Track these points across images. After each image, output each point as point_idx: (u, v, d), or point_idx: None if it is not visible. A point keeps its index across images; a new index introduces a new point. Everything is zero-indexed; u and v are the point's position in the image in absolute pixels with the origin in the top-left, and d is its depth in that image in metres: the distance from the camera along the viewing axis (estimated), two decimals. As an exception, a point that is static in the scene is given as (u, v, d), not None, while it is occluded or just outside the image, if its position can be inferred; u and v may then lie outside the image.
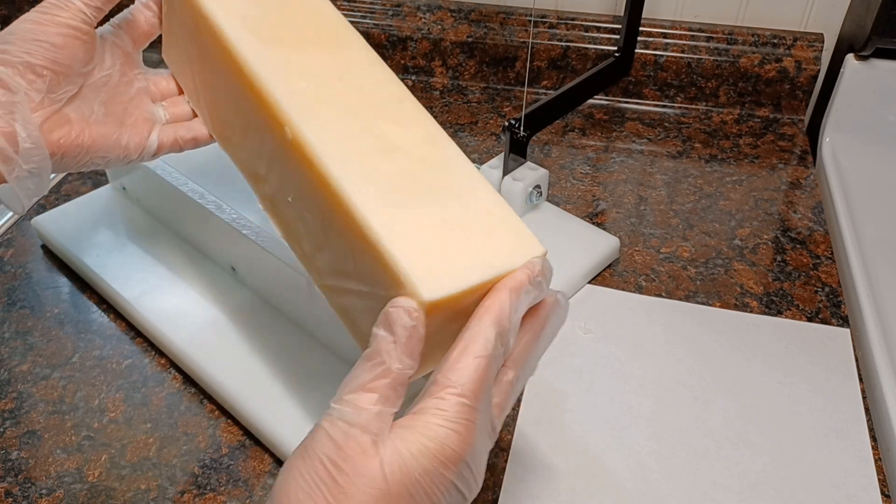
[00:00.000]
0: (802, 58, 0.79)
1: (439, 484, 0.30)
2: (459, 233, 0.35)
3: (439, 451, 0.30)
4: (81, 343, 0.56)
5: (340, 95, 0.39)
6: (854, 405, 0.52)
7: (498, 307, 0.33)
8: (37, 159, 0.40)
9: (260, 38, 0.41)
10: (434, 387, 0.32)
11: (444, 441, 0.30)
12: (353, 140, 0.37)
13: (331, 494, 0.29)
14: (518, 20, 0.84)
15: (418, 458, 0.30)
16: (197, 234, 0.60)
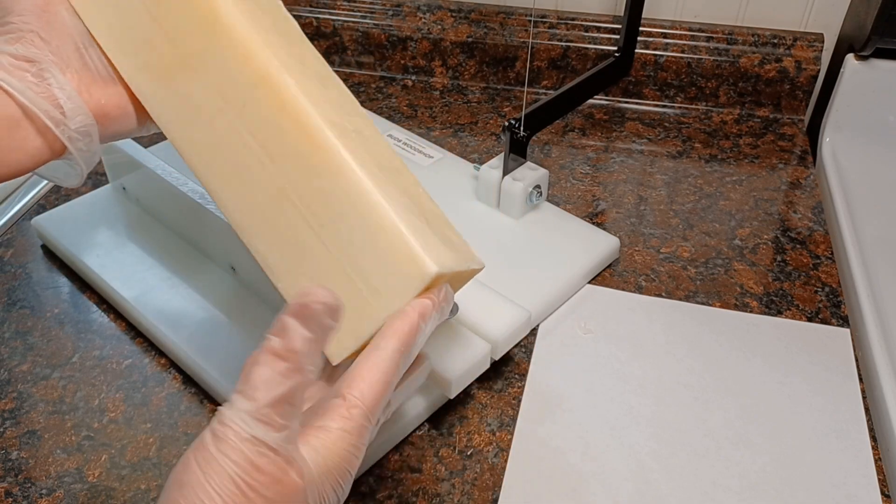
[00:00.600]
0: (802, 58, 0.79)
1: (328, 496, 0.31)
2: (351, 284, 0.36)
3: (338, 470, 0.31)
4: (81, 343, 0.56)
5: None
6: (854, 405, 0.52)
7: (408, 330, 0.33)
8: (81, 118, 0.38)
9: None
10: (340, 401, 0.32)
11: (345, 463, 0.31)
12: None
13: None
14: (518, 20, 0.84)
15: (323, 478, 0.30)
16: (197, 234, 0.60)
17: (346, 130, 0.37)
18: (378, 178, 0.36)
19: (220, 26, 0.37)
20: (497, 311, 0.52)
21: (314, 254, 0.36)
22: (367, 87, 0.88)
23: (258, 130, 0.37)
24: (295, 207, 0.36)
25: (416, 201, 0.39)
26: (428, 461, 0.49)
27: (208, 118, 0.38)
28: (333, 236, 0.36)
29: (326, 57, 0.90)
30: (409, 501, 0.46)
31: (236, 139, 0.38)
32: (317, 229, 0.36)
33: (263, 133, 0.37)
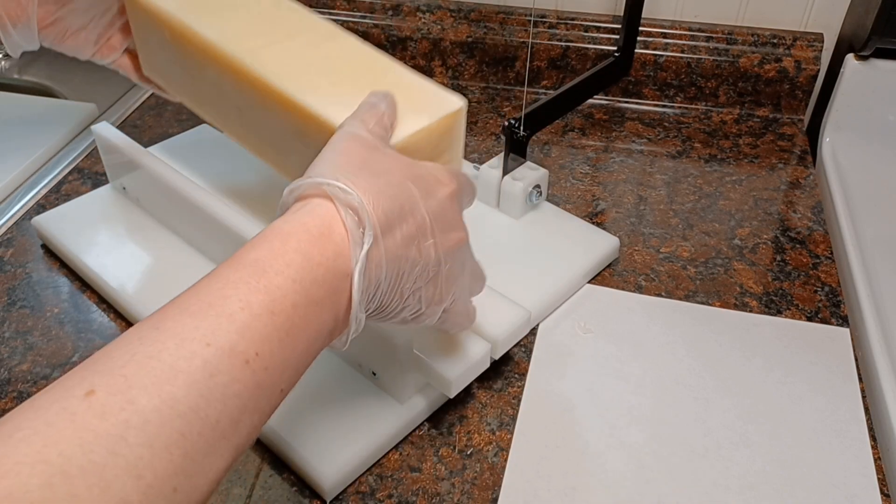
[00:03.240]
0: (802, 58, 0.79)
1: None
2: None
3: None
4: (81, 343, 0.56)
5: (264, 32, 0.50)
6: (854, 405, 0.52)
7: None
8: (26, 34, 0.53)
9: (206, 17, 0.50)
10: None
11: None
12: (292, 63, 0.47)
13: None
14: (518, 20, 0.84)
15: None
16: (197, 234, 0.60)
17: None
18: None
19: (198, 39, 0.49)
20: (497, 311, 0.52)
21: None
22: (367, 87, 0.88)
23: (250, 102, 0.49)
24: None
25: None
26: (428, 460, 0.49)
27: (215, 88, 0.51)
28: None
29: (326, 57, 0.90)
30: (409, 501, 0.46)
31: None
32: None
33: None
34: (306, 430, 0.48)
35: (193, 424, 0.27)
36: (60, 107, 0.85)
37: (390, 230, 0.35)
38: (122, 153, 0.62)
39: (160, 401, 0.27)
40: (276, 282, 0.31)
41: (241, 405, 0.29)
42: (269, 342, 0.30)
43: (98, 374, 0.27)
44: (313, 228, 0.33)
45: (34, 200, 0.71)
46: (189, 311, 0.30)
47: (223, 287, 0.31)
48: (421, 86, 0.47)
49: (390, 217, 0.35)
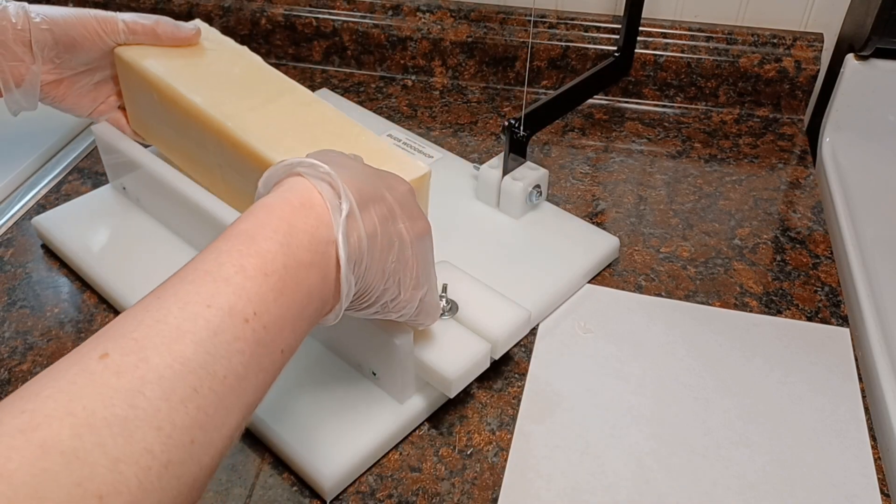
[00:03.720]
0: (802, 58, 0.79)
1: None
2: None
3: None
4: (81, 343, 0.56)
5: (245, 97, 0.55)
6: (854, 405, 0.52)
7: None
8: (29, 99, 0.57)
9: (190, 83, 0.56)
10: None
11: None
12: (270, 127, 0.52)
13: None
14: (518, 20, 0.84)
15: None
16: (197, 235, 0.60)
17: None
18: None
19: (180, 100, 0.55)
20: (497, 311, 0.52)
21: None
22: (367, 87, 0.88)
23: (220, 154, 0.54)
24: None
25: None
26: (428, 460, 0.49)
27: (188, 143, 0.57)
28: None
29: (326, 57, 0.91)
30: (409, 501, 0.46)
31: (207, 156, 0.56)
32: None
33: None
34: (306, 430, 0.48)
35: (204, 380, 0.29)
36: (60, 107, 0.85)
37: (365, 207, 0.37)
38: (122, 153, 0.62)
39: (172, 358, 0.29)
40: (265, 246, 0.33)
41: (245, 362, 0.31)
42: (264, 301, 0.32)
43: (110, 339, 0.29)
44: (294, 200, 0.36)
45: (34, 200, 0.71)
46: (187, 279, 0.32)
47: (217, 256, 0.33)
48: (390, 152, 0.51)
49: (364, 195, 0.37)
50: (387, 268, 0.39)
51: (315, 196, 0.36)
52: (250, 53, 0.60)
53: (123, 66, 0.58)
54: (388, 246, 0.39)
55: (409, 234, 0.40)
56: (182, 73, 0.56)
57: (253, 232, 0.34)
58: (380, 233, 0.38)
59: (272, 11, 0.88)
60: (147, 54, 0.58)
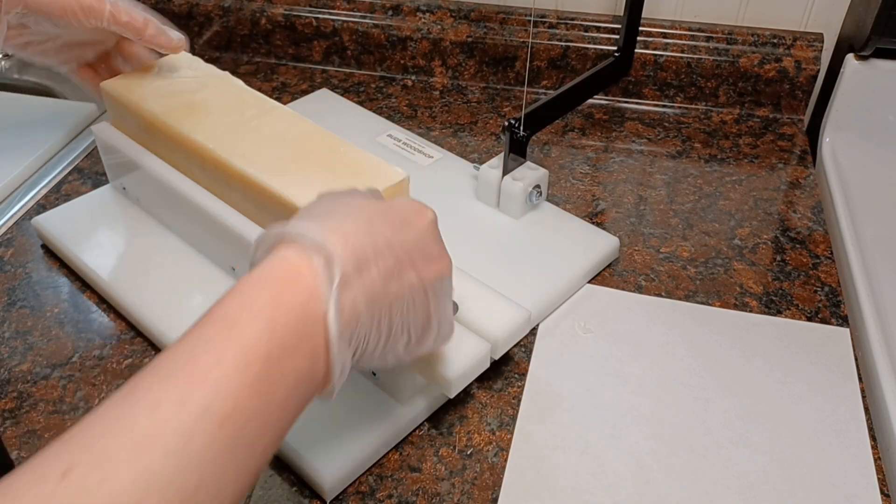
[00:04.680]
0: (802, 58, 0.79)
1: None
2: (343, 178, 0.51)
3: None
4: (81, 343, 0.56)
5: (227, 119, 0.57)
6: (854, 405, 0.52)
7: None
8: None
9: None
10: None
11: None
12: (250, 144, 0.54)
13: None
14: (518, 20, 0.84)
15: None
16: (197, 235, 0.60)
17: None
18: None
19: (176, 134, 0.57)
20: (497, 311, 0.52)
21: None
22: (367, 87, 0.88)
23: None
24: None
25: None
26: (428, 460, 0.49)
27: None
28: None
29: (326, 57, 0.91)
30: (408, 501, 0.46)
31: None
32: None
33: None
34: (306, 430, 0.48)
35: (173, 496, 0.26)
36: (60, 107, 0.85)
37: (365, 267, 0.35)
38: (122, 153, 0.62)
39: (138, 473, 0.26)
40: (247, 333, 0.31)
41: (219, 470, 0.28)
42: (244, 397, 0.29)
43: (75, 450, 0.27)
44: (281, 275, 0.33)
45: (34, 200, 0.71)
46: (161, 373, 0.30)
47: (194, 346, 0.31)
48: (367, 160, 0.53)
49: (361, 255, 0.35)
50: (395, 323, 0.36)
51: (305, 268, 0.33)
52: (232, 78, 0.62)
53: (110, 98, 0.61)
54: (395, 302, 0.36)
55: (423, 279, 0.37)
56: (166, 102, 0.58)
57: (235, 315, 0.31)
58: (383, 292, 0.35)
59: (272, 11, 0.88)
60: (132, 86, 0.60)
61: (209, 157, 0.55)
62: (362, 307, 0.34)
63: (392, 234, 0.37)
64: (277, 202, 0.50)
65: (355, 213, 0.37)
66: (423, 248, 0.38)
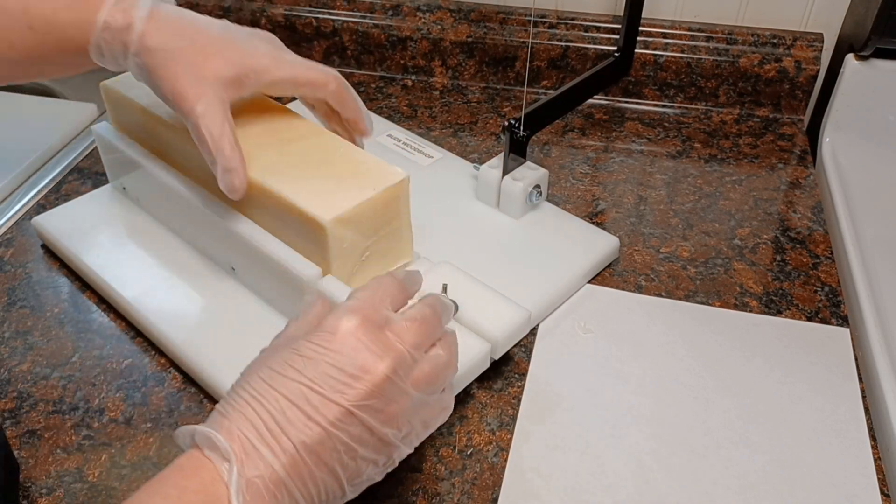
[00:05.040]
0: (802, 58, 0.79)
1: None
2: (344, 178, 0.51)
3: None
4: (81, 343, 0.56)
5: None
6: (854, 405, 0.52)
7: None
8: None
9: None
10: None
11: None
12: (251, 146, 0.53)
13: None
14: (518, 20, 0.84)
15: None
16: (197, 235, 0.60)
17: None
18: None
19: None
20: (497, 311, 0.52)
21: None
22: (367, 87, 0.88)
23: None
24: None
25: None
26: (428, 460, 0.49)
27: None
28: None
29: (326, 57, 0.90)
30: (409, 501, 0.46)
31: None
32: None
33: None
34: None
35: None
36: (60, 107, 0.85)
37: (273, 439, 0.34)
38: (122, 153, 0.62)
39: None
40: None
41: None
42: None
43: None
44: (186, 466, 0.34)
45: (34, 200, 0.71)
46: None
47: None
48: (367, 160, 0.53)
49: (261, 432, 0.34)
50: (339, 465, 0.36)
51: (204, 460, 0.34)
52: None
53: (110, 99, 0.61)
54: (323, 450, 0.35)
55: (349, 406, 0.35)
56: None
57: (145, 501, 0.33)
58: (304, 456, 0.34)
59: (272, 11, 0.88)
60: (132, 86, 0.59)
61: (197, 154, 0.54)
62: (284, 476, 0.34)
63: (297, 374, 0.36)
64: (278, 203, 0.50)
65: (259, 374, 0.36)
66: (340, 367, 0.36)
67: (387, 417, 0.36)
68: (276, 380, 0.36)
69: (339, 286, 0.50)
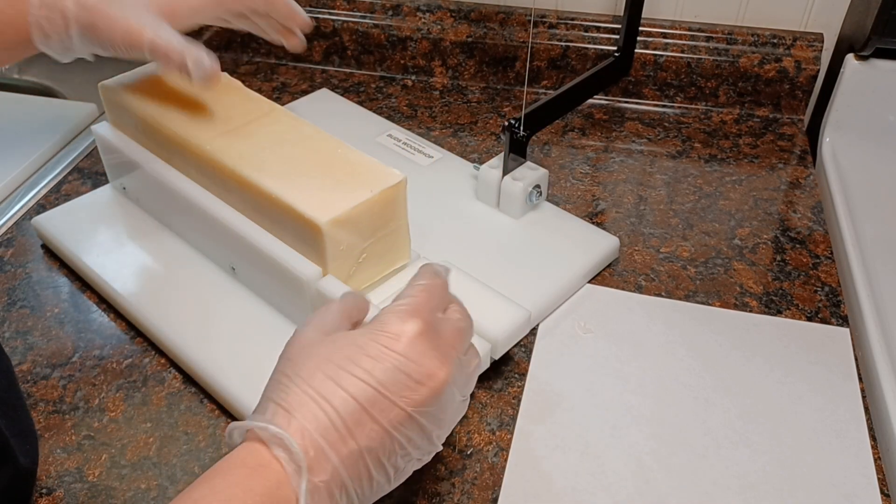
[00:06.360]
0: (802, 58, 0.79)
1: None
2: (341, 180, 0.51)
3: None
4: (81, 343, 0.56)
5: (224, 121, 0.57)
6: (854, 405, 0.52)
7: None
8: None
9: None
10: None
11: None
12: (249, 148, 0.54)
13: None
14: (518, 20, 0.84)
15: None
16: (197, 234, 0.60)
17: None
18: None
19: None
20: (497, 311, 0.52)
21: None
22: (367, 87, 0.88)
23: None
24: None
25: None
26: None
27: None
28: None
29: (326, 57, 0.91)
30: (408, 501, 0.46)
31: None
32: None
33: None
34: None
35: None
36: (60, 107, 0.85)
37: (340, 441, 0.34)
38: (122, 153, 0.62)
39: None
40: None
41: None
42: None
43: None
44: (251, 462, 0.33)
45: (34, 200, 0.71)
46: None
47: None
48: (365, 162, 0.53)
49: (329, 435, 0.34)
50: (390, 463, 0.36)
51: (269, 457, 0.33)
52: (230, 79, 0.62)
53: (110, 99, 0.61)
54: (380, 450, 0.35)
55: (409, 408, 0.36)
56: (164, 104, 0.58)
57: (205, 502, 0.32)
58: (359, 451, 0.35)
59: (272, 11, 0.88)
60: (131, 87, 0.60)
61: (207, 159, 0.54)
62: (343, 477, 0.34)
63: (366, 374, 0.35)
64: (275, 204, 0.50)
65: (323, 371, 0.36)
66: (407, 373, 0.36)
67: (439, 420, 0.38)
68: (344, 379, 0.35)
69: (338, 286, 0.50)
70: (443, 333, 0.38)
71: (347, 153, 0.54)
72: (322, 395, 0.35)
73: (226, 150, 0.54)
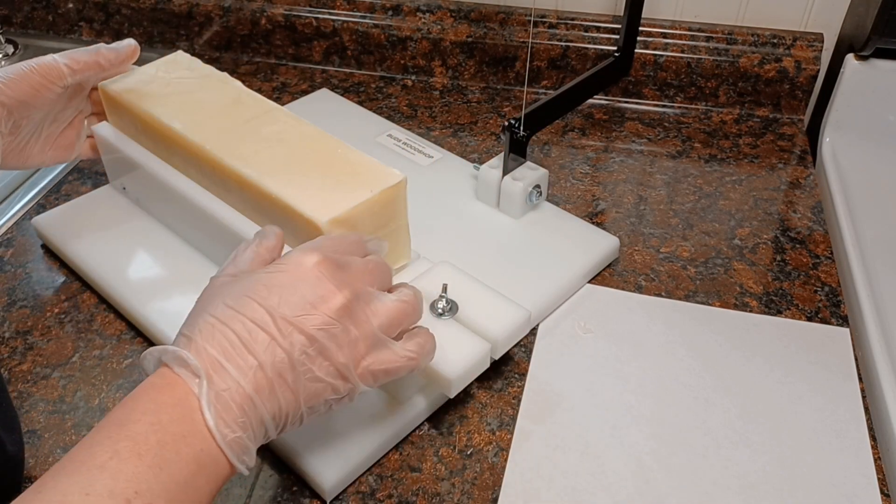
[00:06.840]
0: (802, 58, 0.79)
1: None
2: (341, 180, 0.51)
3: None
4: (81, 343, 0.56)
5: (224, 121, 0.57)
6: (853, 405, 0.52)
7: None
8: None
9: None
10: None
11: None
12: (250, 147, 0.54)
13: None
14: (518, 20, 0.84)
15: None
16: (197, 235, 0.60)
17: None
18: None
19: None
20: (497, 311, 0.52)
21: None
22: (367, 87, 0.88)
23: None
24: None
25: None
26: (428, 460, 0.49)
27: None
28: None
29: (326, 57, 0.91)
30: (409, 501, 0.46)
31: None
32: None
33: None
34: (306, 430, 0.48)
35: None
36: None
37: (237, 356, 0.36)
38: (122, 153, 0.62)
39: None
40: (136, 428, 0.34)
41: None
42: (144, 480, 0.32)
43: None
44: (159, 383, 0.36)
45: (34, 200, 0.71)
46: (64, 472, 0.32)
47: (91, 446, 0.33)
48: (365, 162, 0.53)
49: (226, 351, 0.36)
50: (302, 388, 0.38)
51: (175, 377, 0.36)
52: (230, 79, 0.62)
53: (109, 99, 0.61)
54: (287, 371, 0.37)
55: (308, 332, 0.38)
56: (164, 103, 0.58)
57: (122, 419, 0.34)
58: (266, 371, 0.37)
59: (272, 11, 0.88)
60: (131, 86, 0.60)
61: (206, 159, 0.54)
62: (250, 391, 0.36)
63: (263, 299, 0.38)
64: (274, 204, 0.50)
65: (218, 302, 0.38)
66: (302, 295, 0.38)
67: (344, 344, 0.39)
68: (242, 305, 0.38)
69: None
70: (348, 268, 0.40)
71: (347, 153, 0.54)
72: (221, 320, 0.37)
73: (226, 149, 0.54)
